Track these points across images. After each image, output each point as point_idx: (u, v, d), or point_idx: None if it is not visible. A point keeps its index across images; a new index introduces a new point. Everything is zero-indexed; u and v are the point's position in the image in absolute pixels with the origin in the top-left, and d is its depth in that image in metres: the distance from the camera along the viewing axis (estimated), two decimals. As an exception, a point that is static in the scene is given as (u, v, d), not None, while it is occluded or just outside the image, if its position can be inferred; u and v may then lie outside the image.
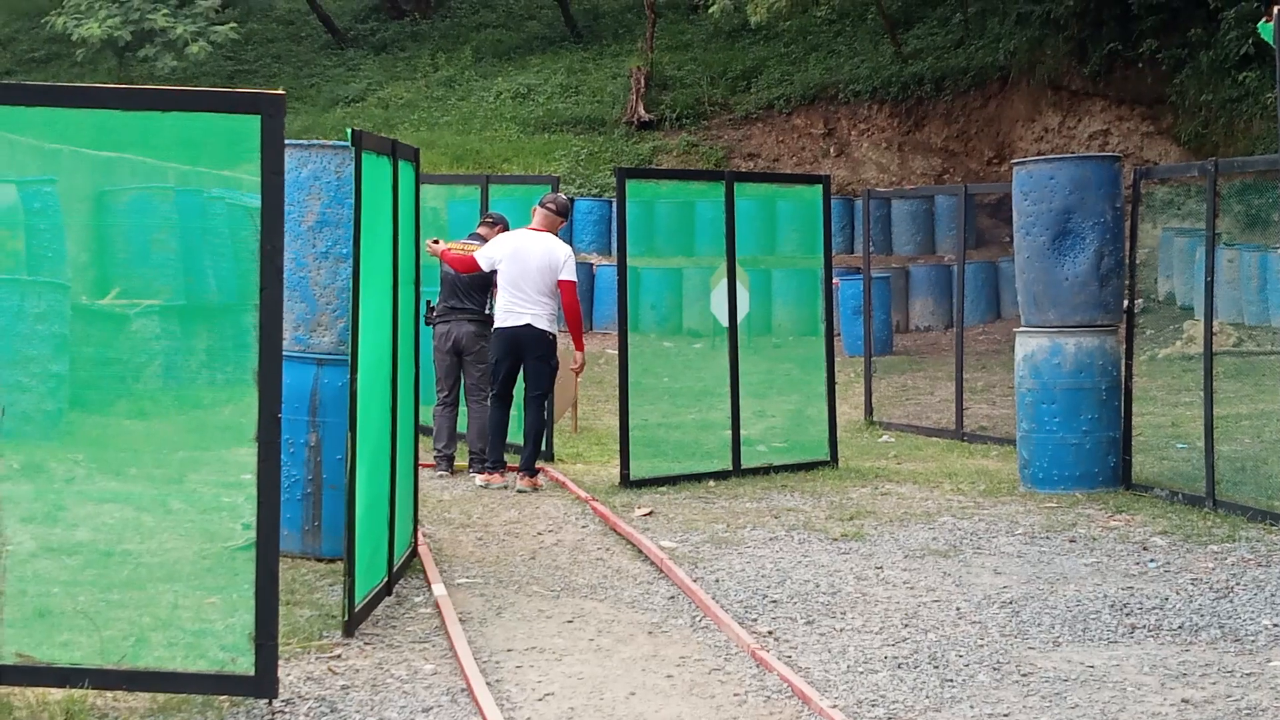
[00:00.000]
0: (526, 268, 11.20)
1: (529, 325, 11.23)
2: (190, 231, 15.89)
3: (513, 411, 11.72)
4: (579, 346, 11.55)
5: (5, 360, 6.13)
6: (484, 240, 11.69)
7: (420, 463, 9.63)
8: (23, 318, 11.79)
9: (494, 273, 11.36)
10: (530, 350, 11.29)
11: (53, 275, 12.91)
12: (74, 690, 6.05)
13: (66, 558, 8.42)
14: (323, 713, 6.20)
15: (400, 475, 8.30)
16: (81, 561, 8.39)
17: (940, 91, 26.83)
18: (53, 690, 6.09)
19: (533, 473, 11.49)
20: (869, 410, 15.51)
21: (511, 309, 11.25)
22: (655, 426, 14.09)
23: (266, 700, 6.17)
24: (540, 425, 11.59)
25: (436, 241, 11.71)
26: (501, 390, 11.44)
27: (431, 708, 6.34)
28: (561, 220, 11.54)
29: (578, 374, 12.16)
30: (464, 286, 11.76)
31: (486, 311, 11.79)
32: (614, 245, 16.35)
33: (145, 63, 29.25)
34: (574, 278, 11.34)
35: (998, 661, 7.03)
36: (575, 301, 11.33)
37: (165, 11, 29.07)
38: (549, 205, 11.50)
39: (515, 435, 13.22)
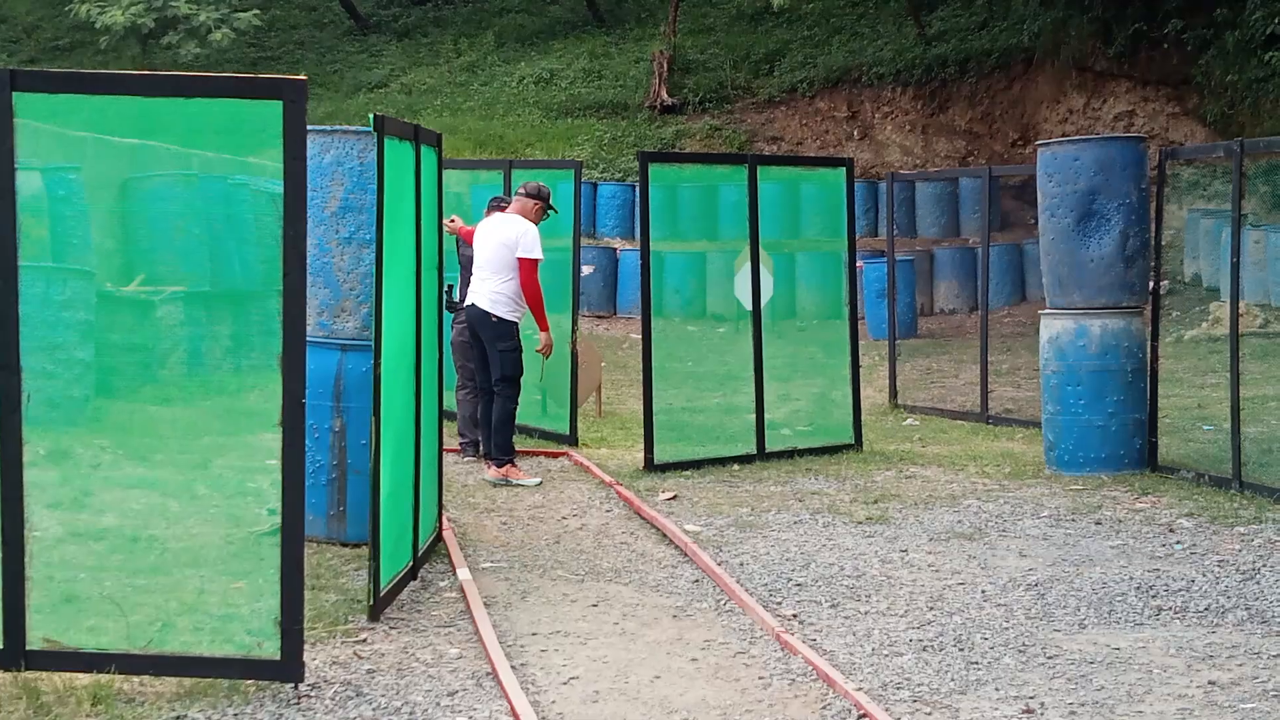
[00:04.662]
0: (484, 247, 11.07)
1: (473, 305, 11.04)
2: (214, 218, 15.90)
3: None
4: (543, 328, 11.15)
5: (31, 347, 6.12)
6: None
7: (445, 448, 9.62)
8: (48, 305, 11.82)
9: None
10: (481, 332, 11.07)
11: (78, 262, 12.94)
12: (101, 675, 6.08)
13: (93, 543, 8.45)
14: (348, 696, 6.22)
15: (425, 460, 8.31)
16: (108, 547, 8.42)
17: (964, 73, 26.72)
18: (80, 675, 6.12)
19: (500, 462, 11.10)
20: (893, 393, 15.49)
21: (470, 290, 11.18)
22: (679, 411, 14.08)
23: (292, 684, 6.19)
24: (501, 414, 11.06)
25: (453, 220, 11.69)
26: (479, 375, 11.33)
27: (457, 691, 6.35)
28: (532, 202, 11.14)
29: (545, 355, 11.48)
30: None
31: None
32: (637, 229, 16.37)
33: (168, 50, 29.29)
34: (533, 255, 10.90)
35: (1023, 644, 7.02)
36: (532, 280, 10.89)
37: (188, -2, 29.14)
38: (519, 189, 11.32)
39: (540, 420, 13.26)
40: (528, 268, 10.91)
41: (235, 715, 5.93)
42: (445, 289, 10.34)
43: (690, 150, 26.68)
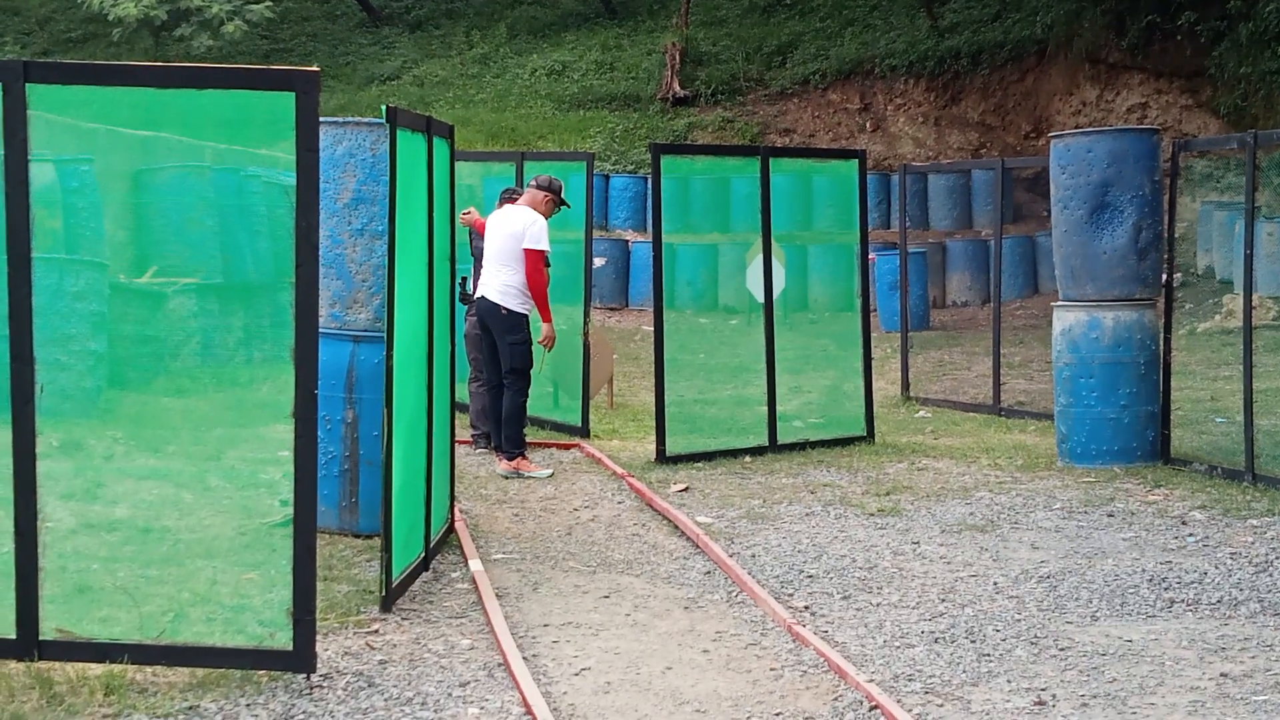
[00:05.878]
0: (493, 239, 11.04)
1: (483, 297, 11.00)
2: (227, 210, 15.93)
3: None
4: (545, 319, 11.10)
5: (44, 338, 6.13)
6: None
7: (457, 440, 9.64)
8: (61, 296, 11.84)
9: None
10: (490, 325, 11.01)
11: (91, 254, 12.96)
12: (113, 665, 6.09)
13: (106, 534, 8.47)
14: (360, 687, 6.23)
15: (437, 451, 8.32)
16: (121, 538, 8.43)
17: (977, 65, 26.67)
18: (92, 665, 6.13)
19: (511, 456, 11.08)
20: (905, 386, 15.47)
21: (480, 282, 11.16)
22: (691, 403, 14.08)
23: (304, 675, 6.20)
24: (510, 407, 11.02)
25: (469, 212, 11.70)
26: (488, 369, 11.30)
27: (468, 682, 6.36)
28: (543, 194, 11.15)
29: (547, 348, 11.34)
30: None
31: None
32: (649, 222, 16.37)
33: (181, 42, 29.35)
34: (539, 246, 10.85)
35: (1035, 636, 7.01)
36: (537, 270, 10.86)
37: (201, -10, 29.20)
38: (532, 181, 11.36)
39: (552, 412, 13.26)
40: (533, 259, 10.88)
41: (248, 705, 5.95)
42: (459, 281, 10.35)
43: (702, 142, 26.65)
